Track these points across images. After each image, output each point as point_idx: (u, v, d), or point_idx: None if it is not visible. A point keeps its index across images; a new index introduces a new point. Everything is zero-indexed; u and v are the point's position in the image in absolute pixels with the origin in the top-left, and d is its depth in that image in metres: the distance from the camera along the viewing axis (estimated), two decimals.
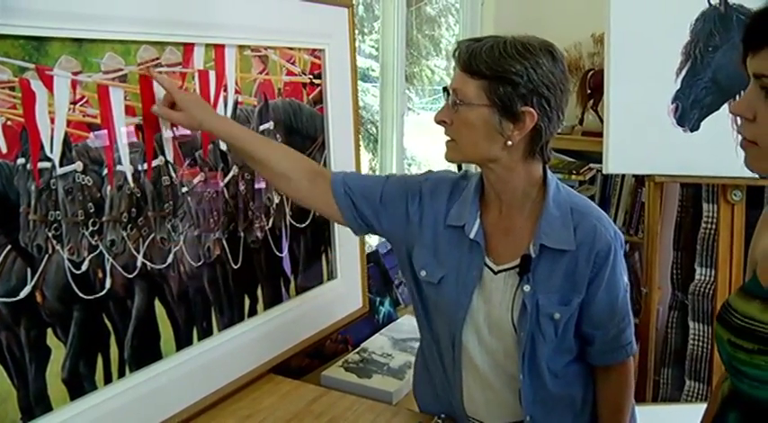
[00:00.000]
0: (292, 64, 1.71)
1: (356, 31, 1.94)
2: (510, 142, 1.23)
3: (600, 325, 1.33)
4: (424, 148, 3.26)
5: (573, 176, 2.79)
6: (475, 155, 1.28)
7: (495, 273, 1.33)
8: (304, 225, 1.80)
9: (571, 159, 2.91)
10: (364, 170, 2.31)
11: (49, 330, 1.19)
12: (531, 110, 1.20)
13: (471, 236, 1.32)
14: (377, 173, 2.66)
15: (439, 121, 1.28)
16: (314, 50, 1.77)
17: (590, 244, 1.28)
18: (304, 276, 1.82)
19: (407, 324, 2.12)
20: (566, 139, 2.80)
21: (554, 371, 1.35)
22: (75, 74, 1.19)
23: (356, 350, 1.97)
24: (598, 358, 1.37)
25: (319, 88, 1.81)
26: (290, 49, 1.70)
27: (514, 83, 1.19)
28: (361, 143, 1.99)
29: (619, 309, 1.34)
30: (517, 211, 1.33)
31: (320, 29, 1.77)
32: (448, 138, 1.29)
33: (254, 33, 1.56)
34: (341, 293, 1.96)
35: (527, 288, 1.29)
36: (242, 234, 1.59)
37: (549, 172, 1.34)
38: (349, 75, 1.90)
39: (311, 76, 1.77)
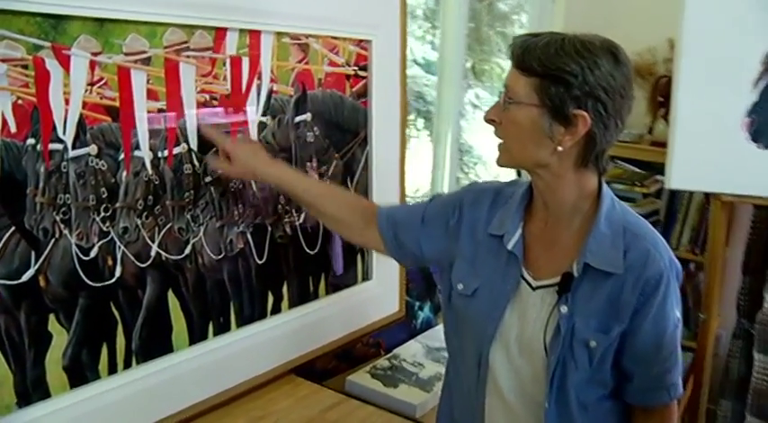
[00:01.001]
0: (336, 54, 1.63)
1: (426, 24, 1.84)
2: (560, 148, 1.13)
3: (642, 360, 1.20)
4: (492, 146, 3.14)
5: (637, 188, 2.60)
6: (522, 159, 1.19)
7: (534, 288, 1.22)
8: None
9: (637, 170, 2.72)
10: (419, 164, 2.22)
11: (52, 316, 1.16)
12: (585, 114, 1.10)
13: (509, 247, 1.23)
14: (433, 168, 2.55)
15: (488, 120, 1.19)
16: (360, 41, 1.69)
17: (640, 269, 1.16)
18: (336, 276, 1.75)
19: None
20: (633, 148, 2.62)
21: (584, 403, 1.22)
22: (95, 54, 1.15)
23: (387, 356, 1.89)
24: (636, 397, 1.23)
25: (364, 81, 1.73)
26: (335, 38, 1.62)
27: (568, 83, 1.08)
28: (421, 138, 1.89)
29: (665, 345, 1.20)
30: (564, 225, 1.22)
31: (368, 19, 1.68)
32: (499, 140, 1.20)
33: (295, 21, 1.49)
34: (375, 295, 1.88)
35: (564, 309, 1.18)
36: (269, 228, 1.53)
37: (604, 185, 1.22)
38: (398, 68, 1.81)
39: (356, 68, 1.69)
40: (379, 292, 1.89)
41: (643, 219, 1.26)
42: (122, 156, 1.22)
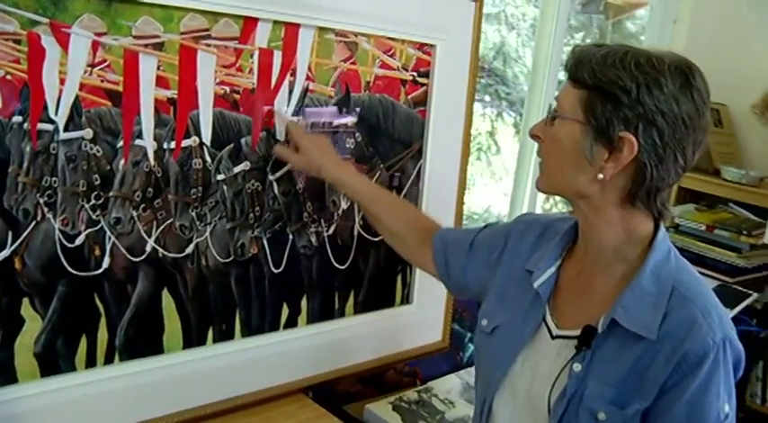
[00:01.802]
0: (391, 56, 1.50)
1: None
2: (601, 175, 0.96)
3: None
4: None
5: (743, 237, 2.22)
6: (559, 183, 1.03)
7: (553, 337, 1.05)
8: (378, 239, 1.58)
9: (751, 216, 2.34)
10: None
11: (26, 300, 1.12)
12: (632, 138, 0.92)
13: (536, 285, 1.08)
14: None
15: (532, 135, 1.05)
16: (422, 45, 1.54)
17: (680, 339, 0.95)
18: (368, 296, 1.61)
19: None
20: (751, 192, 2.26)
21: None
22: (99, 35, 1.10)
23: (418, 388, 1.73)
24: None
25: (424, 88, 1.57)
26: (391, 39, 1.48)
27: (617, 100, 0.92)
28: None
29: None
30: (602, 271, 1.04)
31: (434, 21, 1.53)
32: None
33: (342, 16, 1.37)
34: (414, 321, 1.72)
35: (577, 367, 0.99)
36: (291, 237, 1.43)
37: (662, 233, 1.02)
38: (466, 78, 1.64)
39: (414, 74, 1.55)
40: (419, 317, 1.73)
41: (704, 282, 1.03)
42: (121, 143, 1.16)
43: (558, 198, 2.65)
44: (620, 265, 1.02)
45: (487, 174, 2.64)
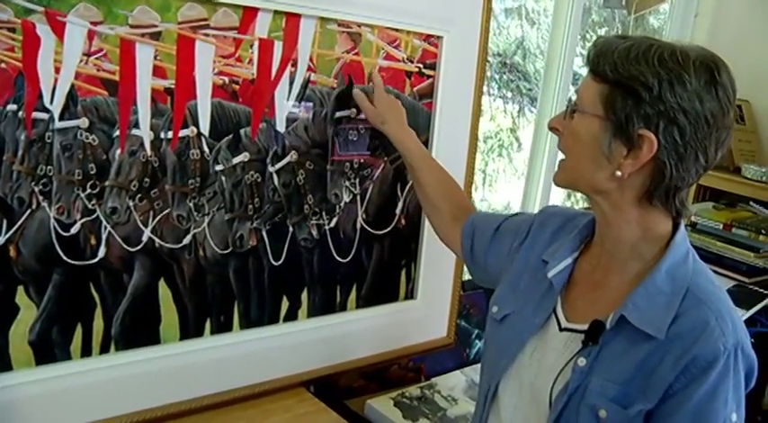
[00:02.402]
0: (396, 47, 1.48)
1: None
2: (619, 172, 0.94)
3: None
4: None
5: (761, 237, 2.16)
6: (576, 178, 1.01)
7: (561, 329, 1.03)
8: (382, 232, 1.57)
9: None
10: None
11: (20, 288, 1.13)
12: (652, 136, 0.90)
13: (549, 275, 1.06)
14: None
15: (551, 128, 1.03)
16: (429, 36, 1.51)
17: (689, 342, 0.91)
18: (371, 290, 1.60)
19: None
20: None
21: None
22: (95, 24, 1.10)
23: (422, 384, 1.71)
24: None
25: (430, 80, 1.55)
26: (396, 30, 1.46)
27: (638, 96, 0.89)
28: None
29: None
30: (617, 268, 1.02)
31: (439, 12, 1.50)
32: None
33: (345, 6, 1.36)
34: (418, 317, 1.70)
35: (582, 362, 0.97)
36: (291, 229, 1.42)
37: (681, 234, 0.99)
38: (474, 71, 1.61)
39: (420, 66, 1.52)
40: (423, 313, 1.71)
41: (721, 287, 1.00)
42: (117, 132, 1.16)
43: (575, 196, 2.61)
44: (636, 262, 0.99)
45: (510, 170, 2.61)
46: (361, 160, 1.48)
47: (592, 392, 0.95)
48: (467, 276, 1.89)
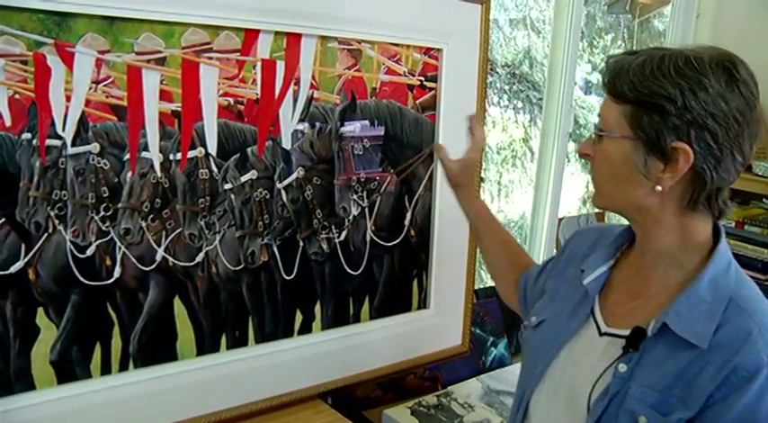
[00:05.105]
0: (396, 62, 1.51)
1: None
2: (659, 187, 0.93)
3: None
4: None
5: None
6: (616, 200, 1.00)
7: (601, 334, 1.02)
8: (392, 244, 1.60)
9: None
10: None
11: (41, 309, 1.17)
12: (686, 146, 0.89)
13: (585, 282, 1.06)
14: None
15: (582, 155, 1.03)
16: (429, 49, 1.55)
17: (731, 352, 0.90)
18: (384, 301, 1.62)
19: (515, 373, 1.80)
20: None
21: None
22: (102, 52, 1.14)
23: (438, 392, 1.72)
24: None
25: (432, 93, 1.58)
26: (395, 45, 1.50)
27: (663, 110, 0.89)
28: None
29: None
30: (658, 276, 1.00)
31: (439, 26, 1.54)
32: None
33: (344, 25, 1.40)
34: (432, 326, 1.72)
35: (623, 367, 0.96)
36: (302, 244, 1.45)
37: (723, 243, 0.98)
38: (475, 82, 1.64)
39: (422, 79, 1.55)
40: (437, 322, 1.72)
41: (764, 299, 0.97)
42: (127, 156, 1.20)
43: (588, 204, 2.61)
44: (677, 272, 0.98)
45: (525, 180, 2.62)
46: (368, 174, 1.51)
47: (632, 398, 0.94)
48: (479, 284, 1.91)
